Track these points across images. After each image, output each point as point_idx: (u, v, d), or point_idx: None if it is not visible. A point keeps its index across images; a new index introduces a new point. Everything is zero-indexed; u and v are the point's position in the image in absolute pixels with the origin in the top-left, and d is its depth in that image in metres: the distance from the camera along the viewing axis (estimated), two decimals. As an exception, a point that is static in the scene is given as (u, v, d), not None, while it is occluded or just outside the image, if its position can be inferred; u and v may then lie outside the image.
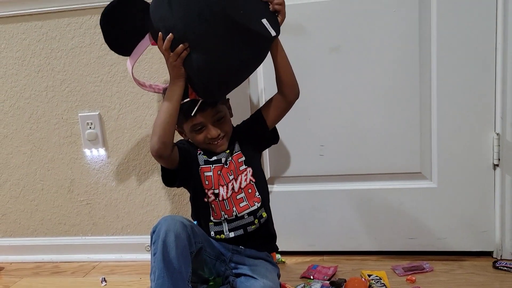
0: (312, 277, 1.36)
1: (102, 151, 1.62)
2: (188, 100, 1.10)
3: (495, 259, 1.40)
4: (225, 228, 1.18)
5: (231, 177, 1.17)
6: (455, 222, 1.43)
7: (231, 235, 1.18)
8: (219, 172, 1.17)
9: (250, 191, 1.18)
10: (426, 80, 1.38)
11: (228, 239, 1.18)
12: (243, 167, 1.19)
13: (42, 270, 1.65)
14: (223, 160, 1.17)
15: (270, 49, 1.11)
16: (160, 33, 1.03)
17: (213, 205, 1.17)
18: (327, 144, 1.47)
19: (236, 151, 1.20)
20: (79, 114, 1.60)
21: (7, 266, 1.70)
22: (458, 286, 1.28)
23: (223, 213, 1.17)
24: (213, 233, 1.19)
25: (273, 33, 1.05)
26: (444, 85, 1.36)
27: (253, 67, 1.13)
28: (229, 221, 1.18)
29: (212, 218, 1.19)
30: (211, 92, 1.09)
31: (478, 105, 1.36)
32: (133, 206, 1.65)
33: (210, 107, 1.12)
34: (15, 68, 1.61)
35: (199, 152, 1.19)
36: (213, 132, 1.14)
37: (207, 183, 1.17)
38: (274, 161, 1.52)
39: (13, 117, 1.65)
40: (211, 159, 1.18)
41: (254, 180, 1.19)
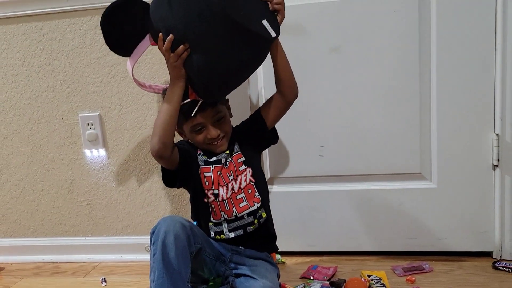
0: (312, 278, 1.36)
1: (102, 152, 1.62)
2: (188, 100, 1.10)
3: (495, 260, 1.40)
4: (225, 228, 1.18)
5: (231, 177, 1.17)
6: (455, 223, 1.43)
7: (231, 235, 1.18)
8: (219, 172, 1.17)
9: (250, 191, 1.18)
10: (426, 80, 1.38)
11: (228, 240, 1.18)
12: (243, 167, 1.19)
13: (42, 270, 1.65)
14: (222, 160, 1.18)
15: (270, 50, 1.12)
16: (161, 33, 1.03)
17: (213, 206, 1.18)
18: (327, 144, 1.47)
19: (235, 152, 1.20)
20: (79, 115, 1.60)
21: (7, 267, 1.70)
22: (458, 286, 1.28)
23: (223, 214, 1.17)
24: (213, 233, 1.19)
25: (273, 34, 1.05)
26: (444, 85, 1.37)
27: (253, 67, 1.13)
28: (229, 221, 1.18)
29: (212, 219, 1.19)
30: (211, 93, 1.09)
31: (478, 105, 1.36)
32: (133, 206, 1.65)
33: (210, 107, 1.12)
34: (16, 69, 1.61)
35: (199, 152, 1.19)
36: (213, 132, 1.14)
37: (207, 183, 1.17)
38: (274, 162, 1.52)
39: (13, 117, 1.65)
40: (211, 160, 1.18)
41: (253, 181, 1.19)
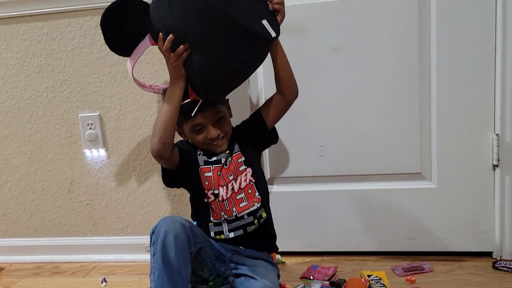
0: (312, 278, 1.36)
1: (102, 152, 1.62)
2: (188, 100, 1.10)
3: (495, 260, 1.40)
4: (225, 228, 1.18)
5: (231, 177, 1.17)
6: (455, 223, 1.43)
7: (231, 235, 1.18)
8: (219, 172, 1.17)
9: (250, 191, 1.18)
10: (426, 80, 1.38)
11: (228, 240, 1.18)
12: (243, 167, 1.19)
13: (42, 270, 1.65)
14: (222, 160, 1.18)
15: (270, 50, 1.12)
16: (161, 33, 1.03)
17: (213, 206, 1.18)
18: (327, 144, 1.47)
19: (235, 152, 1.20)
20: (79, 115, 1.60)
21: (7, 267, 1.70)
22: (458, 286, 1.28)
23: (223, 214, 1.17)
24: (213, 233, 1.19)
25: (273, 34, 1.05)
26: (444, 85, 1.37)
27: (253, 67, 1.13)
28: (229, 221, 1.18)
29: (212, 219, 1.19)
30: (211, 93, 1.09)
31: (477, 105, 1.36)
32: (133, 206, 1.65)
33: (210, 107, 1.12)
34: (16, 69, 1.61)
35: (199, 152, 1.19)
36: (213, 132, 1.14)
37: (207, 183, 1.17)
38: (274, 162, 1.52)
39: (13, 117, 1.65)
40: (211, 160, 1.18)
41: (253, 180, 1.19)
